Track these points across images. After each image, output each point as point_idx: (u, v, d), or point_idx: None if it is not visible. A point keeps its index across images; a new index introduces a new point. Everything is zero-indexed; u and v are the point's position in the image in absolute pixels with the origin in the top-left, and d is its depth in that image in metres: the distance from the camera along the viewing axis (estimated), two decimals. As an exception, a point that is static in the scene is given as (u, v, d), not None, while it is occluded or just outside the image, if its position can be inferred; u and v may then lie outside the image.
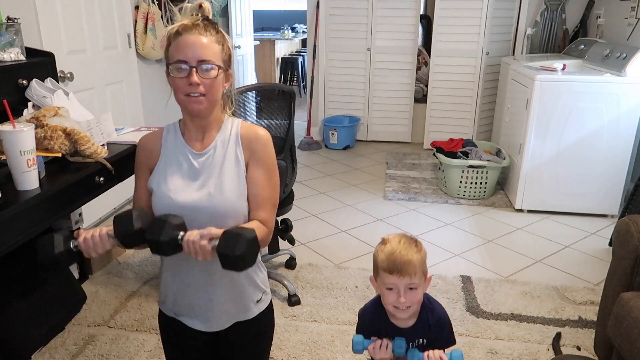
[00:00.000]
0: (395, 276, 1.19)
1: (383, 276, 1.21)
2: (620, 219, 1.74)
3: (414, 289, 1.20)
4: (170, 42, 1.12)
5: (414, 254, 1.19)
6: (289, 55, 8.16)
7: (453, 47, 4.62)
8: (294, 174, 2.44)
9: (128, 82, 3.30)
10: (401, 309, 1.21)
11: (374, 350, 1.23)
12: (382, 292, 1.24)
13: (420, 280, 1.20)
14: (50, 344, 2.04)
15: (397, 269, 1.18)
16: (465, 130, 4.77)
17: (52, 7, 2.53)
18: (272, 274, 2.45)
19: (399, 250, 1.19)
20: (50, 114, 1.69)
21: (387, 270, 1.20)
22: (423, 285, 1.23)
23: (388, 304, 1.23)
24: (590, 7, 4.36)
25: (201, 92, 1.10)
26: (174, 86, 1.11)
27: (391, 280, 1.20)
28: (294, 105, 2.31)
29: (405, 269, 1.18)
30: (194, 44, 1.09)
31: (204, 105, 1.12)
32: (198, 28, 1.10)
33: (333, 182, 4.02)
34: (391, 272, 1.19)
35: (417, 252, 1.21)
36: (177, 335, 1.28)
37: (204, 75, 1.09)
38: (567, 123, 3.19)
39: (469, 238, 3.07)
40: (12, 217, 1.29)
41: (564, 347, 2.07)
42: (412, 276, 1.18)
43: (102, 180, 1.66)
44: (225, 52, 1.15)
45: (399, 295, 1.20)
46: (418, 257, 1.20)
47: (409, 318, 1.27)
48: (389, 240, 1.24)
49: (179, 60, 1.09)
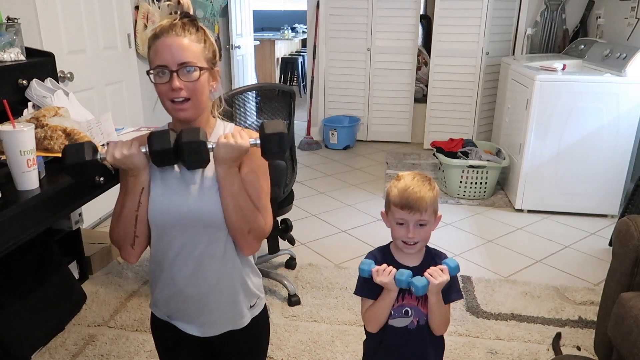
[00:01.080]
0: (406, 212, 1.20)
1: (394, 211, 1.23)
2: (620, 219, 1.74)
3: (424, 226, 1.22)
4: (150, 46, 1.07)
5: (427, 192, 1.21)
6: (289, 55, 8.16)
7: (453, 47, 4.62)
8: (294, 174, 2.44)
9: (128, 82, 3.30)
10: (409, 244, 1.23)
11: (377, 272, 1.22)
12: (392, 226, 1.26)
13: (430, 218, 1.22)
14: (50, 344, 2.04)
15: (408, 205, 1.20)
16: (465, 130, 4.77)
17: (52, 7, 2.53)
18: (272, 274, 2.44)
19: (411, 187, 1.21)
20: (50, 114, 1.69)
21: (398, 205, 1.21)
22: (433, 223, 1.25)
23: (397, 238, 1.25)
24: (590, 7, 4.36)
25: (185, 97, 1.06)
26: (158, 92, 1.08)
27: (402, 215, 1.21)
28: (294, 105, 2.31)
29: (417, 205, 1.19)
30: (172, 46, 1.04)
31: (189, 111, 1.08)
32: (175, 28, 1.05)
33: (333, 182, 4.02)
34: (402, 207, 1.21)
35: (430, 190, 1.22)
36: (169, 339, 1.26)
37: (186, 79, 1.05)
38: (567, 123, 3.19)
39: (469, 238, 3.07)
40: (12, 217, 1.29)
41: (564, 347, 2.07)
42: (423, 213, 1.20)
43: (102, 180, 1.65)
44: (208, 49, 1.10)
45: (408, 230, 1.22)
46: (430, 194, 1.21)
47: (415, 255, 1.28)
48: (402, 177, 1.25)
49: (158, 66, 1.05)
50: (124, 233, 1.13)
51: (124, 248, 1.15)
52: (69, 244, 2.42)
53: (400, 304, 1.27)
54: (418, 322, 1.28)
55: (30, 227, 1.36)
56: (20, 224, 1.33)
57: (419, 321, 1.28)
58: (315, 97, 5.12)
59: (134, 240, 1.13)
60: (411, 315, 1.28)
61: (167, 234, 1.13)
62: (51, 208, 1.45)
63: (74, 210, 2.27)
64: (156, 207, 1.11)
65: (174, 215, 1.11)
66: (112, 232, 1.16)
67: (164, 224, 1.12)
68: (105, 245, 2.64)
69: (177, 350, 1.28)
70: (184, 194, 1.11)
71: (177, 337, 1.24)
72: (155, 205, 1.11)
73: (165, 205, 1.11)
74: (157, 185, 1.12)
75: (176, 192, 1.11)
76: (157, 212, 1.11)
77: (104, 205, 3.03)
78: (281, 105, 2.30)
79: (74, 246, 2.44)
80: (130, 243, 1.13)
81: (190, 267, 1.15)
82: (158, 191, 1.12)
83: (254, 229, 1.13)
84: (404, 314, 1.28)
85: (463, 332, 2.15)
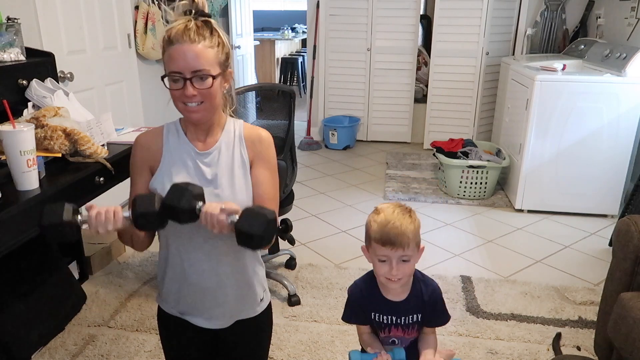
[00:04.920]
0: (388, 248, 1.15)
1: (375, 247, 1.18)
2: (620, 219, 1.74)
3: (407, 261, 1.17)
4: (164, 49, 1.08)
5: (408, 225, 1.15)
6: (289, 56, 8.15)
7: (453, 47, 4.62)
8: (294, 174, 2.44)
9: (128, 82, 3.30)
10: (393, 280, 1.19)
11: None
12: (374, 262, 1.21)
13: (413, 252, 1.17)
14: (50, 344, 2.04)
15: (390, 241, 1.14)
16: (465, 130, 4.77)
17: (52, 7, 2.53)
18: (272, 274, 2.45)
19: (392, 222, 1.15)
20: (50, 114, 1.69)
21: (379, 241, 1.16)
22: (416, 257, 1.19)
23: (380, 275, 1.21)
24: (590, 7, 4.36)
25: (198, 101, 1.08)
26: (172, 95, 1.10)
27: (384, 252, 1.16)
28: (294, 105, 2.31)
29: (399, 241, 1.14)
30: (186, 54, 1.05)
31: (201, 113, 1.10)
32: (190, 33, 1.05)
33: (333, 182, 4.02)
34: (384, 243, 1.15)
35: (411, 222, 1.16)
36: (177, 333, 1.27)
37: (200, 86, 1.07)
38: (567, 123, 3.19)
39: (469, 238, 3.07)
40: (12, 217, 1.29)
41: (564, 347, 2.07)
42: (405, 248, 1.15)
43: (102, 180, 1.66)
44: (222, 52, 1.11)
45: (391, 267, 1.16)
46: (412, 227, 1.16)
47: (401, 291, 1.25)
48: (382, 210, 1.19)
49: (172, 72, 1.07)
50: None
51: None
52: (69, 244, 2.42)
53: (387, 336, 1.29)
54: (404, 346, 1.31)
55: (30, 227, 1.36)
56: (20, 224, 1.33)
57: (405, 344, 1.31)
58: (315, 97, 5.12)
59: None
60: (398, 344, 1.30)
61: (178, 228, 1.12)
62: (51, 208, 1.45)
63: (74, 210, 2.26)
64: None
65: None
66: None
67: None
68: (105, 245, 2.64)
69: (183, 343, 1.29)
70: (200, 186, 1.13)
71: (183, 329, 1.25)
72: None
73: None
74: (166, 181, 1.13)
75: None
76: None
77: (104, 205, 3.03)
78: (281, 105, 2.30)
79: (74, 246, 2.44)
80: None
81: (202, 261, 1.17)
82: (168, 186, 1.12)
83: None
84: (392, 343, 1.31)
85: (463, 332, 2.15)
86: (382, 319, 1.28)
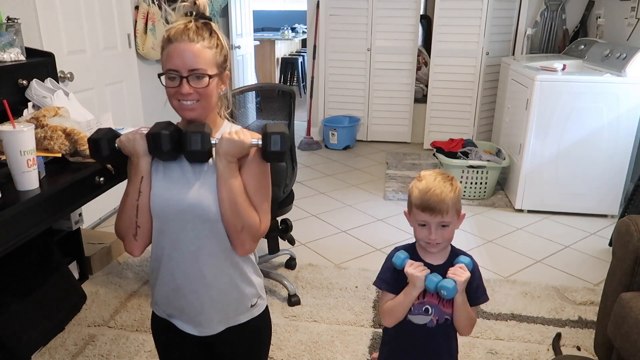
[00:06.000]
0: (428, 214, 1.19)
1: (416, 212, 1.22)
2: (620, 219, 1.74)
3: (446, 227, 1.21)
4: (163, 48, 1.10)
5: (448, 193, 1.19)
6: (289, 56, 8.15)
7: (453, 47, 4.62)
8: (294, 174, 2.44)
9: (128, 82, 3.30)
10: (432, 244, 1.23)
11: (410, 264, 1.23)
12: (415, 227, 1.25)
13: (452, 219, 1.21)
14: (50, 344, 2.04)
15: (429, 207, 1.18)
16: (465, 130, 4.77)
17: (52, 7, 2.53)
18: (272, 274, 2.45)
19: (432, 189, 1.19)
20: (50, 114, 1.69)
21: (419, 207, 1.20)
22: (455, 223, 1.24)
23: (419, 239, 1.25)
24: (590, 7, 4.36)
25: (194, 100, 1.09)
26: (167, 93, 1.11)
27: (423, 217, 1.20)
28: (294, 105, 2.31)
29: (438, 208, 1.18)
30: (184, 52, 1.06)
31: (197, 111, 1.11)
32: (189, 33, 1.07)
33: (333, 182, 4.02)
34: (424, 209, 1.19)
35: (452, 190, 1.20)
36: (170, 338, 1.26)
37: (196, 85, 1.08)
38: (567, 123, 3.19)
39: (469, 238, 3.07)
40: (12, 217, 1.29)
41: (564, 347, 2.07)
42: (444, 215, 1.19)
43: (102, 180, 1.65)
44: (220, 53, 1.12)
45: (430, 232, 1.21)
46: (451, 195, 1.19)
47: (439, 254, 1.28)
48: (424, 177, 1.24)
49: (169, 70, 1.08)
50: (127, 222, 1.15)
51: (127, 239, 1.17)
52: (69, 244, 2.42)
53: (421, 302, 1.27)
54: (437, 321, 1.27)
55: (30, 227, 1.36)
56: (20, 224, 1.33)
57: (439, 320, 1.27)
58: (315, 97, 5.12)
59: (136, 231, 1.15)
60: (431, 314, 1.27)
61: (167, 227, 1.15)
62: (51, 208, 1.45)
63: (74, 210, 2.27)
64: (157, 198, 1.14)
65: (174, 208, 1.12)
66: (116, 223, 1.19)
67: (164, 215, 1.14)
68: (105, 245, 2.64)
69: (176, 350, 1.28)
70: (184, 187, 1.13)
71: (177, 337, 1.24)
72: (156, 197, 1.14)
73: (166, 198, 1.13)
74: (159, 178, 1.15)
75: (177, 185, 1.13)
76: (158, 203, 1.14)
77: (104, 205, 3.03)
78: (281, 105, 2.30)
79: (74, 246, 2.44)
80: (132, 233, 1.15)
81: (188, 262, 1.16)
82: (160, 184, 1.14)
83: (247, 226, 1.13)
84: (424, 312, 1.27)
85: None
86: None
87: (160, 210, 1.14)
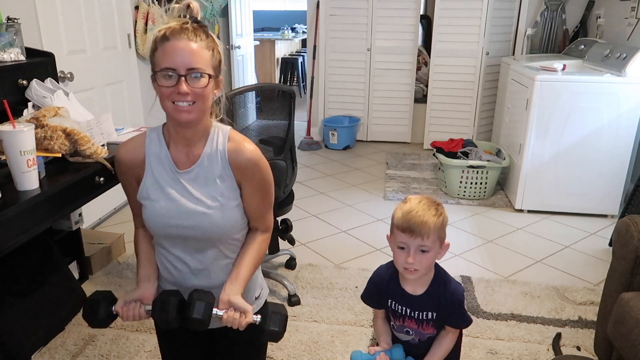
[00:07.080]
0: (407, 235, 1.17)
1: (396, 234, 1.20)
2: (620, 219, 1.74)
3: (425, 252, 1.18)
4: (156, 47, 1.04)
5: (431, 217, 1.17)
6: (289, 56, 8.15)
7: (453, 47, 4.62)
8: (294, 174, 2.44)
9: (128, 82, 3.30)
10: (410, 270, 1.20)
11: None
12: (394, 250, 1.23)
13: (433, 244, 1.18)
14: (50, 344, 2.04)
15: (409, 228, 1.16)
16: (465, 130, 4.77)
17: (52, 7, 2.53)
18: (272, 274, 2.45)
19: (415, 210, 1.17)
20: (50, 114, 1.69)
21: (400, 228, 1.18)
22: (436, 251, 1.21)
23: (398, 263, 1.23)
24: (590, 7, 4.36)
25: (190, 101, 1.04)
26: (160, 93, 1.05)
27: (403, 238, 1.18)
28: (294, 105, 2.31)
29: (418, 230, 1.16)
30: (183, 50, 1.02)
31: (192, 114, 1.06)
32: (187, 32, 1.03)
33: (333, 182, 4.02)
34: (404, 230, 1.17)
35: (435, 215, 1.18)
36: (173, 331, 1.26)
37: (194, 84, 1.03)
38: (567, 123, 3.19)
39: (469, 238, 3.07)
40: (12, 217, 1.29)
41: (564, 347, 2.07)
42: (425, 238, 1.16)
43: (102, 180, 1.66)
44: (215, 57, 1.09)
45: (409, 255, 1.18)
46: (434, 220, 1.17)
47: (418, 284, 1.26)
48: (409, 200, 1.23)
49: (166, 68, 1.02)
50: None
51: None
52: (69, 244, 2.42)
53: (401, 324, 1.29)
54: (420, 339, 1.30)
55: (30, 227, 1.36)
56: (20, 224, 1.33)
57: (420, 338, 1.30)
58: (315, 97, 5.12)
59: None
60: (412, 335, 1.30)
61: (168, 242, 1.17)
62: (51, 208, 1.45)
63: (74, 210, 2.27)
64: (157, 220, 1.13)
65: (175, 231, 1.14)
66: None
67: (165, 235, 1.15)
68: (105, 245, 2.64)
69: (180, 341, 1.29)
70: (186, 210, 1.12)
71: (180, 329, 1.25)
72: (155, 218, 1.13)
73: (167, 219, 1.13)
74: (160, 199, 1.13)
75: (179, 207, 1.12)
76: (158, 224, 1.13)
77: (104, 205, 3.03)
78: (281, 105, 2.30)
79: (74, 246, 2.44)
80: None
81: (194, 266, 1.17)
82: (161, 204, 1.13)
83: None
84: (405, 333, 1.30)
85: (463, 332, 2.14)
86: (397, 308, 1.28)
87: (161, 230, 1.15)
